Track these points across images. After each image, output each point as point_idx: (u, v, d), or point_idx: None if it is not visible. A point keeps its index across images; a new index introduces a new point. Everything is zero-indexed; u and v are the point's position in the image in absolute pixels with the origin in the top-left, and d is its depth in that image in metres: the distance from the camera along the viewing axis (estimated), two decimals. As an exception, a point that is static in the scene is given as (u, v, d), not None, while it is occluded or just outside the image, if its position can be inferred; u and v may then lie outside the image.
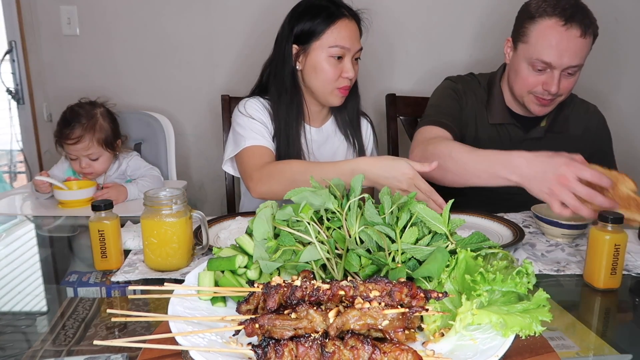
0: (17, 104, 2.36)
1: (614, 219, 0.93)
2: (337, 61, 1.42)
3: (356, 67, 1.47)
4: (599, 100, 2.29)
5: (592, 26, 1.32)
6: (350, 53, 1.42)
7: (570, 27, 1.29)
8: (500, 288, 0.68)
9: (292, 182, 1.18)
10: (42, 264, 1.13)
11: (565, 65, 1.32)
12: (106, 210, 1.02)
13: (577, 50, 1.31)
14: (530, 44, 1.35)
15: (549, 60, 1.32)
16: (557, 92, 1.36)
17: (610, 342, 0.79)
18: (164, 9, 2.23)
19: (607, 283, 0.95)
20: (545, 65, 1.34)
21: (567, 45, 1.30)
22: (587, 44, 1.33)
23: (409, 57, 2.28)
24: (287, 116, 1.47)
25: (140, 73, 2.30)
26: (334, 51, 1.40)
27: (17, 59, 2.29)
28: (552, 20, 1.31)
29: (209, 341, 0.66)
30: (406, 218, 0.80)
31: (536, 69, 1.36)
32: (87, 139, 1.68)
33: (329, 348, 0.61)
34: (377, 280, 0.66)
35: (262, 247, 0.79)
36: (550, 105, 1.42)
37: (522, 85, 1.41)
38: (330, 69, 1.42)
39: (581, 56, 1.33)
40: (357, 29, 1.45)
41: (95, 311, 0.87)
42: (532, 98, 1.42)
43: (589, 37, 1.32)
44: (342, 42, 1.40)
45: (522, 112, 1.52)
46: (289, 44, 1.45)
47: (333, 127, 1.60)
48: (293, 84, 1.47)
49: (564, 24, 1.29)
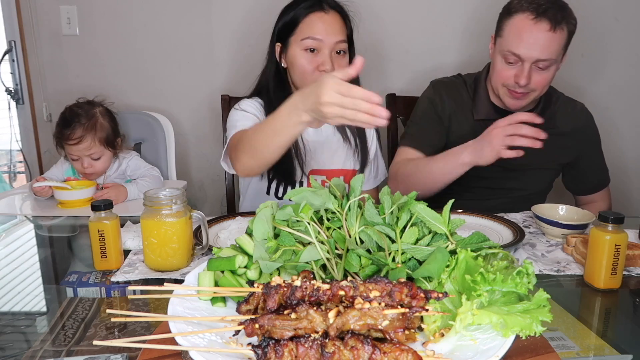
0: (17, 104, 2.36)
1: (614, 219, 0.93)
2: (312, 54, 1.38)
3: (341, 61, 1.40)
4: (600, 100, 2.31)
5: (564, 22, 1.33)
6: (326, 45, 1.37)
7: (540, 21, 1.32)
8: (500, 288, 0.68)
9: (252, 148, 1.13)
10: (41, 264, 1.13)
11: (534, 58, 1.35)
12: (106, 210, 1.02)
13: (545, 43, 1.33)
14: (504, 37, 1.40)
15: (517, 52, 1.36)
16: (526, 85, 1.38)
17: (611, 343, 0.79)
18: (164, 9, 2.23)
19: (608, 283, 0.95)
20: (515, 57, 1.37)
21: (535, 38, 1.33)
22: (558, 39, 1.34)
23: (409, 57, 2.28)
24: None
25: (140, 73, 2.30)
26: (306, 43, 1.37)
27: (16, 58, 2.29)
28: (524, 15, 1.35)
29: (209, 341, 0.66)
30: (406, 218, 0.80)
31: (508, 61, 1.40)
32: (89, 138, 1.68)
33: (329, 348, 0.60)
34: (377, 281, 0.66)
35: (262, 247, 0.79)
36: (524, 99, 1.44)
37: (497, 78, 1.46)
38: (305, 62, 1.38)
39: (551, 50, 1.34)
40: (339, 21, 1.40)
41: (95, 311, 0.87)
42: (506, 91, 1.45)
43: (560, 31, 1.33)
44: (313, 33, 1.36)
45: (507, 108, 1.53)
46: (274, 42, 1.45)
47: (332, 128, 1.56)
48: (279, 83, 1.45)
49: (534, 17, 1.33)
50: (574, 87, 2.29)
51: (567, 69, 2.26)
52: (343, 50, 1.41)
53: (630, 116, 2.34)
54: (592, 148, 1.61)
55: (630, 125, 2.34)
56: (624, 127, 2.35)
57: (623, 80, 2.30)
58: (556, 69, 1.41)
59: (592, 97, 2.31)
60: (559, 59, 1.40)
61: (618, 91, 2.31)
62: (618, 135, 2.35)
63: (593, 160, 1.61)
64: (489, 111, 1.53)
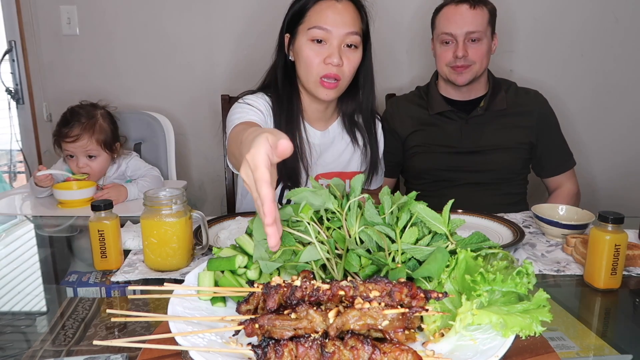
0: (17, 104, 2.36)
1: (614, 219, 0.93)
2: (319, 45, 1.29)
3: (351, 56, 1.31)
4: (600, 100, 2.31)
5: (481, 3, 1.58)
6: (334, 37, 1.28)
7: (460, 4, 1.58)
8: (500, 288, 0.68)
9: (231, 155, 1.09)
10: (41, 264, 1.13)
11: (465, 31, 1.56)
12: (106, 210, 1.02)
13: (469, 19, 1.56)
14: (437, 27, 1.64)
15: (449, 30, 1.58)
16: (464, 56, 1.57)
17: (611, 343, 0.79)
18: (163, 9, 2.23)
19: (608, 283, 0.95)
20: (448, 36, 1.59)
21: (460, 16, 1.57)
22: (479, 14, 1.57)
23: (409, 57, 2.28)
24: (281, 112, 1.37)
25: (140, 73, 2.30)
26: (313, 33, 1.27)
27: (16, 58, 2.29)
28: (447, 6, 1.61)
29: (209, 341, 0.66)
30: (406, 218, 0.80)
31: (444, 41, 1.61)
32: (86, 137, 1.69)
33: (328, 348, 0.60)
34: (377, 281, 0.66)
35: (262, 247, 0.79)
36: (467, 72, 1.60)
37: (441, 61, 1.64)
38: (311, 53, 1.29)
39: (476, 23, 1.56)
40: (353, 11, 1.31)
41: (95, 311, 0.87)
42: (450, 70, 1.62)
43: (480, 9, 1.57)
44: (321, 22, 1.27)
45: (458, 97, 1.69)
46: (283, 33, 1.38)
47: (339, 129, 1.48)
48: (285, 77, 1.38)
49: (455, 4, 1.59)
50: (574, 87, 2.29)
51: (567, 68, 2.27)
52: (354, 44, 1.31)
53: (630, 116, 2.34)
54: (550, 128, 1.70)
55: (630, 125, 2.34)
56: (623, 126, 2.35)
57: (623, 80, 2.30)
58: (488, 45, 1.61)
59: (592, 97, 2.32)
60: (488, 34, 1.60)
61: (618, 91, 2.31)
62: (618, 134, 2.35)
63: (552, 140, 1.71)
64: (441, 104, 1.69)
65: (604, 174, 2.39)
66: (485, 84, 1.70)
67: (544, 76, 2.25)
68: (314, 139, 1.45)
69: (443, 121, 1.68)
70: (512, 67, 2.26)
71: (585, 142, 2.33)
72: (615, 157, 2.38)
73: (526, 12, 2.22)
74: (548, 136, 1.69)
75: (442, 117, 1.68)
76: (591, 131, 2.34)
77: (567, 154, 1.74)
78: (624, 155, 2.38)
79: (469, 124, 1.66)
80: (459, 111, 1.67)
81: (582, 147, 2.28)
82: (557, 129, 1.72)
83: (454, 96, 1.69)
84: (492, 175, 1.66)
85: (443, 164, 1.66)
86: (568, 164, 1.73)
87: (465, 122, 1.66)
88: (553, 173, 1.73)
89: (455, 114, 1.67)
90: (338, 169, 1.50)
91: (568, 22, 2.23)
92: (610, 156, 2.38)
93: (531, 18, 2.22)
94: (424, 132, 1.69)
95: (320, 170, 1.46)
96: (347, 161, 1.51)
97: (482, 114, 1.65)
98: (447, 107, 1.68)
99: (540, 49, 2.26)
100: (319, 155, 1.45)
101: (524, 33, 2.24)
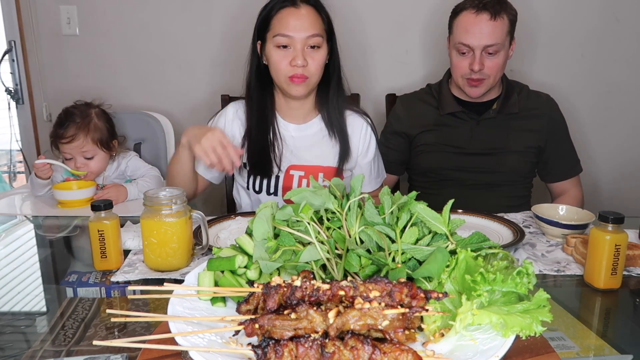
0: (17, 104, 2.36)
1: (614, 219, 0.93)
2: (285, 50, 1.38)
3: (315, 55, 1.39)
4: (600, 100, 2.31)
5: (503, 12, 1.52)
6: (297, 41, 1.36)
7: (480, 13, 1.52)
8: (500, 288, 0.68)
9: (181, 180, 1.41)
10: (41, 264, 1.13)
11: (482, 45, 1.52)
12: (106, 210, 1.02)
13: (489, 31, 1.52)
14: (454, 34, 1.59)
15: (467, 42, 1.54)
16: (480, 70, 1.54)
17: (611, 343, 0.79)
18: (163, 9, 2.23)
19: (608, 283, 0.95)
20: (466, 47, 1.55)
21: (479, 28, 1.52)
22: (499, 26, 1.52)
23: (409, 57, 2.28)
24: (253, 111, 1.48)
25: (140, 73, 2.30)
26: (277, 40, 1.37)
27: (16, 58, 2.29)
28: (467, 11, 1.55)
29: (209, 341, 0.66)
30: (406, 218, 0.80)
31: (461, 52, 1.57)
32: (82, 137, 1.69)
33: (329, 348, 0.60)
34: (377, 281, 0.66)
35: (262, 247, 0.79)
36: (482, 86, 1.59)
37: (455, 71, 1.62)
38: (278, 57, 1.38)
39: (495, 36, 1.52)
40: (313, 14, 1.39)
41: (95, 311, 0.87)
42: (465, 81, 1.60)
43: (500, 20, 1.52)
44: (284, 30, 1.36)
45: (471, 100, 1.66)
46: (255, 40, 1.46)
47: (321, 125, 1.53)
48: (259, 79, 1.47)
49: (475, 11, 1.53)
50: (574, 87, 2.29)
51: (567, 68, 2.27)
52: (317, 45, 1.39)
53: (630, 116, 2.34)
54: (559, 134, 1.69)
55: (629, 125, 2.34)
56: (623, 127, 2.35)
57: (623, 80, 2.30)
58: (505, 55, 1.57)
59: (592, 97, 2.32)
60: (506, 44, 1.56)
61: (618, 91, 2.31)
62: (618, 135, 2.35)
63: (560, 145, 1.70)
64: (453, 105, 1.67)
65: (606, 174, 2.39)
66: (499, 87, 1.67)
67: (544, 76, 2.25)
68: (288, 131, 1.52)
69: (454, 121, 1.67)
70: (512, 67, 2.25)
71: (587, 142, 2.32)
72: (617, 157, 2.37)
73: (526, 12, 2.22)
74: (556, 141, 1.68)
75: (453, 118, 1.67)
76: (592, 131, 2.33)
77: (574, 160, 1.72)
78: (627, 156, 2.38)
79: (480, 125, 1.65)
80: (471, 112, 1.66)
81: (583, 147, 2.28)
82: (566, 135, 1.71)
83: (466, 97, 1.67)
84: (498, 178, 1.65)
85: (451, 164, 1.66)
86: (574, 170, 1.72)
87: (477, 124, 1.65)
88: (558, 178, 1.72)
89: (467, 115, 1.66)
90: (314, 162, 1.51)
91: (568, 22, 2.23)
92: (612, 156, 2.37)
93: (532, 18, 2.22)
94: (434, 132, 1.68)
95: (295, 162, 1.51)
96: (324, 155, 1.52)
97: (494, 116, 1.64)
98: (458, 107, 1.66)
99: (540, 49, 2.26)
100: (295, 146, 1.51)
101: (524, 33, 2.24)
